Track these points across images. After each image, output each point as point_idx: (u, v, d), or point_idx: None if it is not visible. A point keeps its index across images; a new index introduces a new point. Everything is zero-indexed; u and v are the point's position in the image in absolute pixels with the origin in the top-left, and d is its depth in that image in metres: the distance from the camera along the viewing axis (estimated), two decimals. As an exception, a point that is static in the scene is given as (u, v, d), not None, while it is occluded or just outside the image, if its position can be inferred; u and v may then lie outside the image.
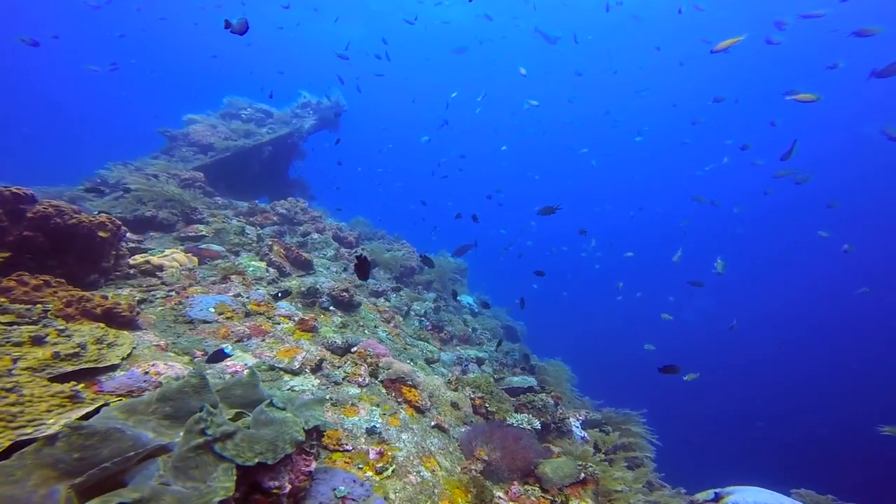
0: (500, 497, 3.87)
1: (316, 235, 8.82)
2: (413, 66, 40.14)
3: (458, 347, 7.94)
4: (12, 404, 2.19)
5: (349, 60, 14.89)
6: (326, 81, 15.58)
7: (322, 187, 16.24)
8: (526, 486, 4.13)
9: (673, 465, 6.08)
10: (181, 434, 2.42)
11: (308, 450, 2.76)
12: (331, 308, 6.08)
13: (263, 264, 6.42)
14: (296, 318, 5.26)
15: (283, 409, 2.56)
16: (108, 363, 3.12)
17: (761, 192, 17.16)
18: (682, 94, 34.62)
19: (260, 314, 5.08)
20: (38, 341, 2.88)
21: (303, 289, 5.91)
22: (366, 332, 5.99)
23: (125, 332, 3.64)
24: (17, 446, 2.01)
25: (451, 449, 4.35)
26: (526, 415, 5.30)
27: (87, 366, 2.97)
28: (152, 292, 4.83)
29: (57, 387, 2.41)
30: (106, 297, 3.82)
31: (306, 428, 2.61)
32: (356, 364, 4.69)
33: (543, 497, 4.01)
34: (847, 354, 36.79)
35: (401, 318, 7.32)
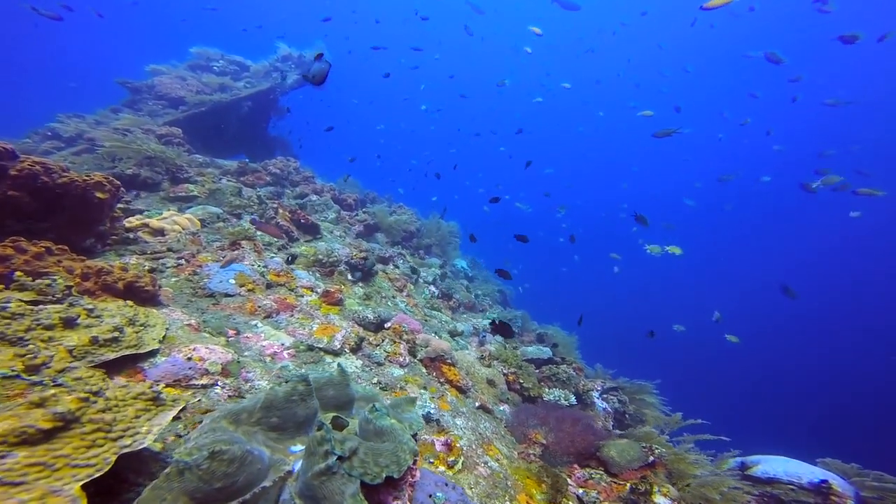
0: (569, 484, 3.72)
1: (315, 197, 8.28)
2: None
3: (464, 315, 7.72)
4: (103, 410, 1.79)
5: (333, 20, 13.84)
6: (309, 40, 14.46)
7: (307, 147, 15.35)
8: (589, 470, 3.97)
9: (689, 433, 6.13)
10: (295, 450, 2.11)
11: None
12: (350, 277, 5.70)
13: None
14: (319, 290, 4.87)
15: (387, 414, 2.25)
16: (148, 348, 2.71)
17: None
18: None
19: (281, 285, 4.67)
20: (69, 324, 2.43)
21: (320, 256, 5.48)
22: (388, 303, 5.66)
23: (153, 310, 3.20)
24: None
25: (501, 432, 4.16)
26: (563, 391, 5.16)
27: (127, 352, 2.55)
28: (161, 260, 4.32)
29: (136, 387, 2.01)
30: (126, 269, 3.33)
31: (412, 434, 2.32)
32: (395, 342, 4.38)
33: (616, 482, 3.86)
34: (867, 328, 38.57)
35: (412, 287, 7.00)
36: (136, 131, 8.33)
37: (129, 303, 2.99)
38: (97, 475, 1.60)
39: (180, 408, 2.09)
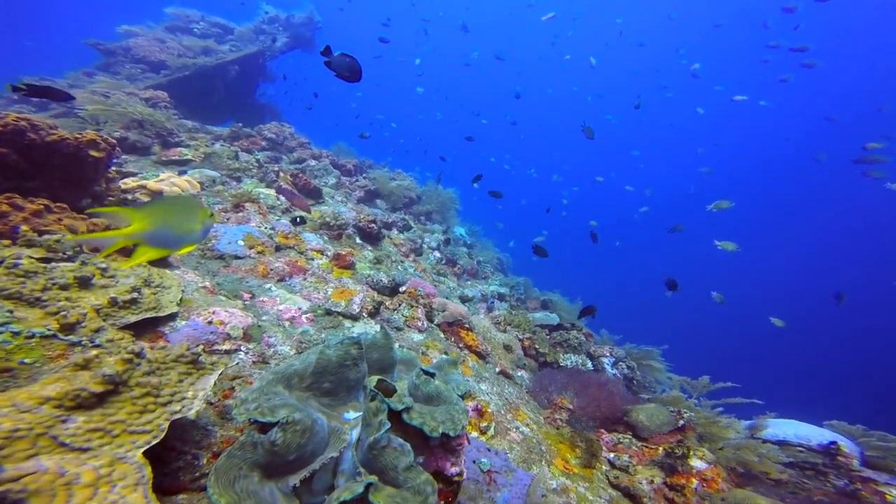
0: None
1: (313, 162, 7.97)
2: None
3: (468, 282, 7.60)
4: (148, 373, 1.62)
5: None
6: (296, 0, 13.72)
7: (298, 114, 14.80)
8: (616, 435, 3.92)
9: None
10: (349, 417, 1.97)
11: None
12: (358, 240, 5.50)
13: (272, 191, 5.66)
14: (329, 253, 4.68)
15: (434, 374, 2.11)
16: (167, 311, 2.51)
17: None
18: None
19: (290, 248, 4.46)
20: (85, 283, 2.22)
21: (327, 219, 5.26)
22: (398, 268, 5.50)
23: (166, 271, 2.99)
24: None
25: (525, 398, 4.08)
26: (579, 356, 5.10)
27: (148, 315, 2.36)
28: (165, 223, 4.07)
29: (174, 349, 1.83)
30: (133, 229, 3.10)
31: (460, 395, 2.19)
32: (412, 307, 4.23)
33: (647, 447, 3.82)
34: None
35: (417, 253, 6.84)
36: (119, 94, 7.88)
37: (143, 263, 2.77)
38: (154, 442, 1.48)
39: (219, 371, 1.93)
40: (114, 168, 4.60)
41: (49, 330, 1.67)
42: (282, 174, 6.07)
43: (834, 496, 3.84)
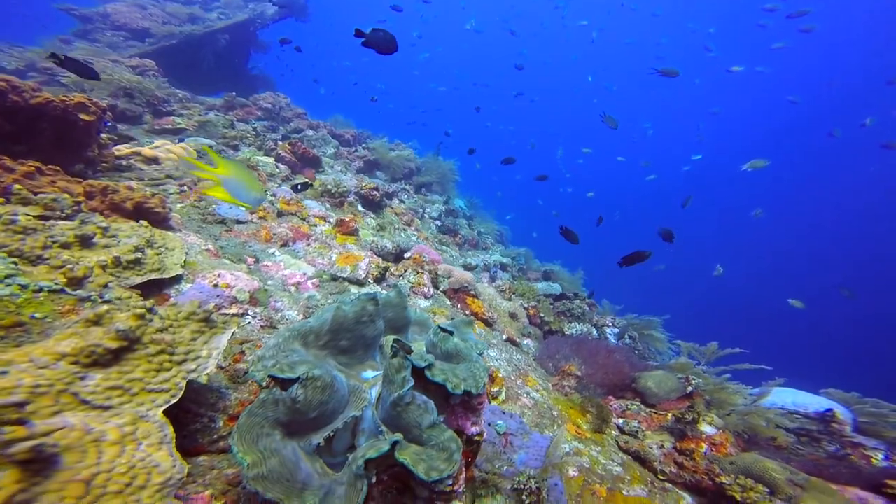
0: (609, 415, 3.64)
1: (311, 132, 7.77)
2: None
3: (469, 252, 7.52)
4: (161, 330, 1.53)
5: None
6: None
7: (293, 86, 14.40)
8: (625, 402, 3.90)
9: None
10: (367, 376, 1.90)
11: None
12: (360, 208, 5.38)
13: (271, 160, 5.50)
14: (331, 220, 4.56)
15: (452, 333, 2.03)
16: (172, 273, 2.41)
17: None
18: None
19: (292, 214, 4.34)
20: (86, 242, 2.11)
21: (329, 186, 5.12)
22: (402, 235, 5.40)
23: (168, 233, 2.87)
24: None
25: (533, 364, 4.04)
26: (583, 325, 5.06)
27: (152, 276, 2.26)
28: (162, 187, 3.94)
29: (184, 307, 1.74)
30: (132, 189, 2.97)
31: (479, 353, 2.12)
32: (418, 273, 4.14)
33: (656, 413, 3.80)
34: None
35: (419, 222, 6.73)
36: (104, 62, 7.59)
37: (144, 223, 2.66)
38: (173, 401, 1.42)
39: (232, 331, 1.84)
40: (106, 134, 4.42)
41: (56, 284, 1.57)
42: (280, 142, 5.90)
43: (825, 461, 3.88)
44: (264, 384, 2.16)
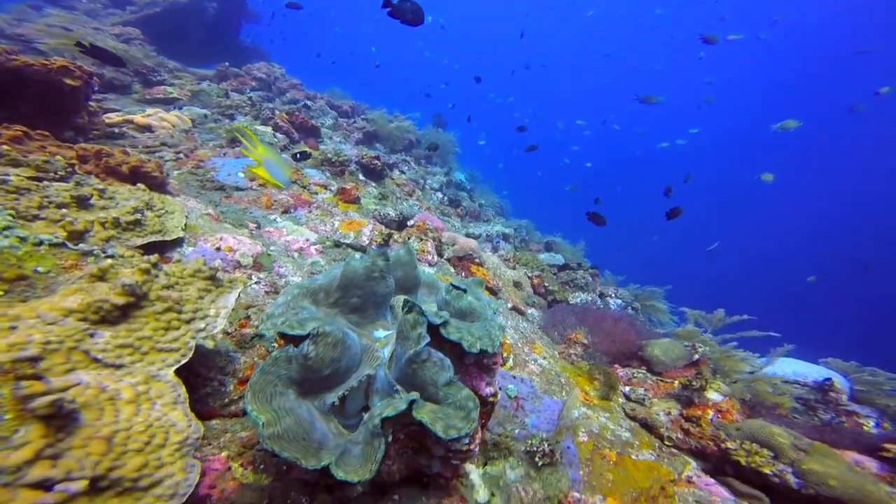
0: (615, 382, 3.63)
1: (308, 103, 7.59)
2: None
3: (471, 224, 7.45)
4: (168, 287, 1.46)
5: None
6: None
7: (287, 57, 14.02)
8: (631, 370, 3.88)
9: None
10: (379, 336, 1.84)
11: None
12: (361, 177, 5.27)
13: (268, 129, 5.37)
14: (332, 188, 4.47)
15: (465, 291, 1.96)
16: (173, 235, 2.33)
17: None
18: None
19: (292, 182, 4.25)
20: (83, 203, 2.02)
21: (329, 155, 5.00)
22: (404, 204, 5.31)
23: (167, 197, 2.78)
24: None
25: (539, 332, 4.01)
26: (588, 294, 5.03)
27: (153, 238, 2.18)
28: (158, 154, 3.83)
29: (189, 264, 1.67)
30: (127, 152, 2.87)
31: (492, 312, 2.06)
32: (421, 240, 4.07)
33: (662, 381, 3.78)
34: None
35: (420, 193, 6.63)
36: (85, 29, 7.32)
37: (142, 186, 2.57)
38: (183, 361, 1.38)
39: (239, 290, 1.77)
40: (94, 102, 4.27)
41: (57, 238, 1.50)
42: (277, 112, 5.75)
43: (821, 429, 3.92)
44: (274, 344, 2.11)
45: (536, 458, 2.25)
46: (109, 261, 1.42)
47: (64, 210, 1.87)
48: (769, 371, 4.82)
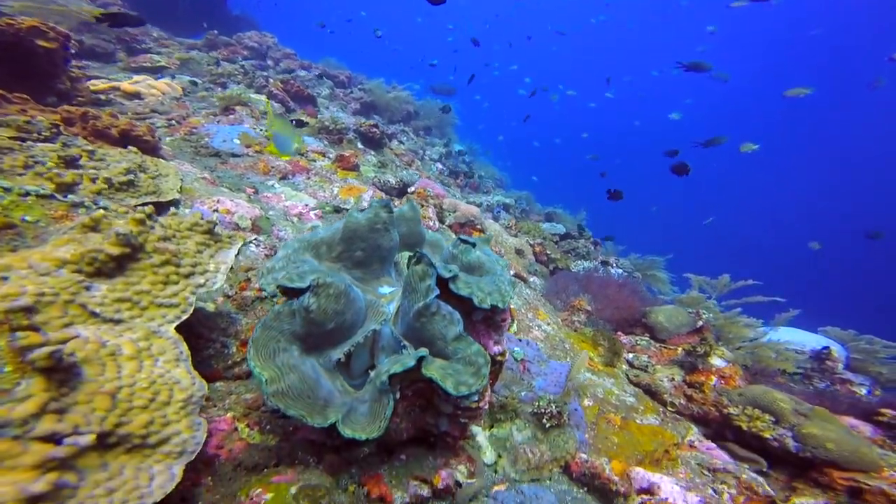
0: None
1: (302, 72, 7.40)
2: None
3: (471, 195, 7.36)
4: (164, 238, 1.40)
5: None
6: None
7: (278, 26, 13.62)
8: (634, 337, 3.85)
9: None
10: (384, 291, 1.78)
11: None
12: (360, 145, 5.16)
13: (263, 97, 5.22)
14: (331, 156, 4.37)
15: (474, 245, 1.89)
16: (168, 197, 2.25)
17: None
18: None
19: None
20: (71, 165, 1.94)
21: (326, 123, 4.88)
22: (404, 172, 5.21)
23: (161, 160, 2.69)
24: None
25: (542, 299, 3.97)
26: (590, 262, 4.98)
27: (148, 199, 2.10)
28: (149, 120, 3.71)
29: (186, 217, 1.60)
30: (115, 116, 2.76)
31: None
32: (422, 206, 4.00)
33: (666, 347, 3.76)
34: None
35: (419, 163, 6.51)
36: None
37: (133, 149, 2.47)
38: (184, 317, 1.33)
39: (239, 245, 1.71)
40: (76, 69, 4.10)
41: (44, 189, 1.43)
42: (272, 80, 5.59)
43: (818, 395, 3.94)
44: (276, 301, 2.05)
45: (544, 420, 2.22)
46: (102, 211, 1.35)
47: (51, 165, 1.78)
48: (768, 339, 4.82)
